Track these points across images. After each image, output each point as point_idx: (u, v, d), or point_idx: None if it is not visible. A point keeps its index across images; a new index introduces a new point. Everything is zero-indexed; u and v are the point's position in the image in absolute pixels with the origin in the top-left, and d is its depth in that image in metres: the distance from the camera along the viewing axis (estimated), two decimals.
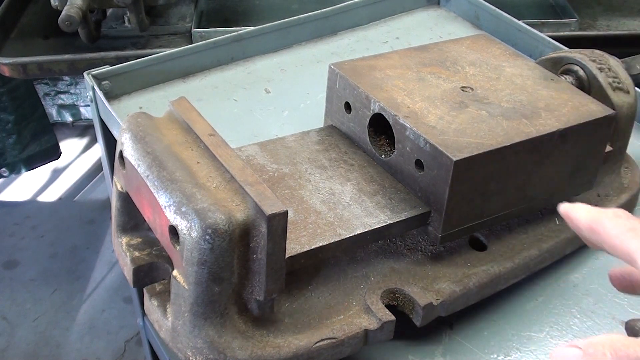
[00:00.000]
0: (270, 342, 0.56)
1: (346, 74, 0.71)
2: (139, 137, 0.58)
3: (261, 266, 0.53)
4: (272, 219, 0.50)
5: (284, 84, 1.00)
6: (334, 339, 0.58)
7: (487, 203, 0.65)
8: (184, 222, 0.51)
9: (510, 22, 1.08)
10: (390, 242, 0.68)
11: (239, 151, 0.69)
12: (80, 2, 1.30)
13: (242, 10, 1.59)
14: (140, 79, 0.96)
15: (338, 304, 0.61)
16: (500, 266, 0.67)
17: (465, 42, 0.80)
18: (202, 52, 1.01)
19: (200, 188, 0.53)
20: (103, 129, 0.94)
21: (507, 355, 0.66)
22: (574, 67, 0.76)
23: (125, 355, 1.85)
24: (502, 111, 0.67)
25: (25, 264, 2.12)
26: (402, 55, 0.76)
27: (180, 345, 0.55)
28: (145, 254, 0.59)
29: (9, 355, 1.84)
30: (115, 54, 1.37)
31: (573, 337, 0.67)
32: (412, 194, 0.65)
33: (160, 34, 1.50)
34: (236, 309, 0.55)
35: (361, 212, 0.63)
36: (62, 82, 2.36)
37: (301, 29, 1.09)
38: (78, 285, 2.05)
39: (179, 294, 0.54)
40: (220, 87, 0.99)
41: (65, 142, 2.57)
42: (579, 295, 0.72)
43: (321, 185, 0.66)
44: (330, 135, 0.73)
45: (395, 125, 0.65)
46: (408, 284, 0.63)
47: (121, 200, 0.62)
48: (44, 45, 1.46)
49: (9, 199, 2.38)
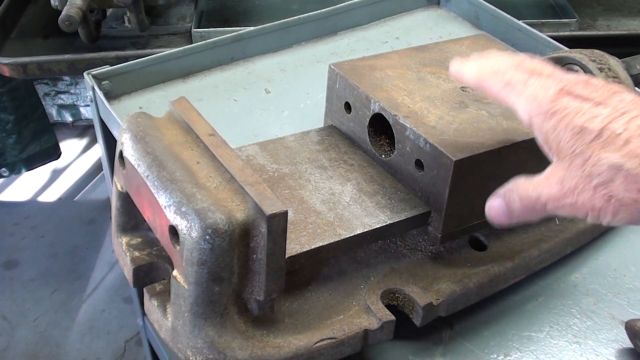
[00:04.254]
0: (270, 342, 0.56)
1: (346, 74, 0.71)
2: (139, 137, 0.58)
3: (261, 266, 0.53)
4: (272, 219, 0.50)
5: (284, 84, 1.00)
6: (334, 339, 0.58)
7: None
8: (184, 222, 0.51)
9: (510, 22, 1.08)
10: (390, 242, 0.68)
11: (239, 151, 0.69)
12: (80, 2, 1.30)
13: (242, 10, 1.59)
14: (140, 79, 0.96)
15: (338, 304, 0.61)
16: (500, 266, 0.67)
17: (465, 42, 0.81)
18: (202, 52, 1.01)
19: (200, 188, 0.53)
20: (103, 129, 0.94)
21: (507, 355, 0.66)
22: (574, 67, 0.76)
23: (125, 355, 1.85)
24: (502, 111, 0.67)
25: (25, 264, 2.12)
26: (402, 55, 0.76)
27: (180, 345, 0.55)
28: (145, 254, 0.59)
29: (9, 355, 1.84)
30: (115, 54, 1.37)
31: (573, 337, 0.67)
32: (412, 194, 0.65)
33: (160, 34, 1.50)
34: (236, 309, 0.55)
35: (361, 212, 0.63)
36: (62, 82, 2.36)
37: (301, 29, 1.09)
38: (78, 285, 2.05)
39: (179, 294, 0.54)
40: (220, 87, 0.99)
41: (65, 142, 2.57)
42: (579, 295, 0.72)
43: (321, 185, 0.66)
44: (330, 135, 0.73)
45: (395, 125, 0.65)
46: (408, 284, 0.63)
47: (121, 200, 0.62)
48: (44, 45, 1.46)
49: (9, 199, 2.38)
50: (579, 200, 0.46)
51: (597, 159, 0.45)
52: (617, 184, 0.44)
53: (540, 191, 0.49)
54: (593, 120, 0.46)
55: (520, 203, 0.51)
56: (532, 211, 0.50)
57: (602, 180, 0.45)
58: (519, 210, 0.51)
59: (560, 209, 0.48)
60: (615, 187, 0.45)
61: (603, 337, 0.67)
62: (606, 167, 0.45)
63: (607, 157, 0.45)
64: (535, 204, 0.49)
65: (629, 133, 0.45)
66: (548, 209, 0.49)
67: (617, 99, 0.47)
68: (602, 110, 0.46)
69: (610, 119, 0.46)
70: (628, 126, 0.45)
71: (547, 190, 0.48)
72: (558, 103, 0.48)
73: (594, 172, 0.45)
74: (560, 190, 0.47)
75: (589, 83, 0.49)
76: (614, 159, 0.44)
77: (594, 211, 0.46)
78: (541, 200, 0.49)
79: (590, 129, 0.46)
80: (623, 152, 0.44)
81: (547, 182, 0.48)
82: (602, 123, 0.45)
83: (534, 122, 0.49)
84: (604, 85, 0.49)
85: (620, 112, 0.46)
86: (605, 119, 0.46)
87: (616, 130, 0.45)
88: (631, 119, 0.45)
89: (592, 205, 0.46)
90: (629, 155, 0.44)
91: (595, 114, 0.46)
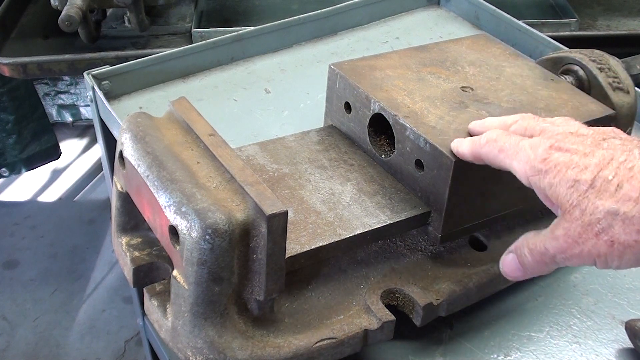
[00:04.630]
0: (270, 342, 0.56)
1: (346, 74, 0.71)
2: (139, 137, 0.58)
3: (261, 266, 0.53)
4: (272, 219, 0.50)
5: (284, 84, 1.00)
6: (334, 339, 0.58)
7: (487, 203, 0.65)
8: (184, 222, 0.51)
9: (510, 22, 1.08)
10: (390, 242, 0.68)
11: (239, 151, 0.69)
12: (80, 2, 1.30)
13: (242, 10, 1.59)
14: (140, 79, 0.96)
15: (338, 304, 0.61)
16: None
17: (465, 42, 0.80)
18: (202, 52, 1.01)
19: (200, 188, 0.53)
20: (103, 129, 0.94)
21: (507, 355, 0.66)
22: (574, 67, 0.76)
23: (125, 355, 1.85)
24: (502, 111, 0.67)
25: (25, 264, 2.12)
26: (402, 55, 0.76)
27: (180, 345, 0.55)
28: (145, 254, 0.59)
29: (9, 355, 1.84)
30: (115, 54, 1.37)
31: (573, 337, 0.67)
32: (412, 194, 0.65)
33: (160, 34, 1.50)
34: (236, 309, 0.55)
35: (361, 212, 0.63)
36: (62, 82, 2.36)
37: (301, 29, 1.09)
38: (78, 285, 2.05)
39: (179, 294, 0.54)
40: (220, 87, 0.99)
41: (65, 142, 2.57)
42: (579, 295, 0.72)
43: (321, 185, 0.66)
44: (330, 135, 0.73)
45: (395, 125, 0.65)
46: (408, 284, 0.63)
47: (121, 200, 0.62)
48: (44, 45, 1.46)
49: (9, 199, 2.38)
50: (585, 249, 0.48)
51: (594, 207, 0.47)
52: (617, 228, 0.46)
53: (548, 245, 0.51)
54: (584, 172, 0.48)
55: (531, 258, 0.53)
56: (543, 264, 0.52)
57: (602, 227, 0.47)
58: (531, 264, 0.53)
59: (569, 259, 0.50)
60: (616, 231, 0.46)
61: (603, 337, 0.67)
62: (603, 214, 0.47)
63: (602, 204, 0.47)
64: (544, 257, 0.52)
65: (620, 178, 0.47)
66: (558, 261, 0.51)
67: (605, 145, 0.49)
68: (591, 160, 0.48)
69: (600, 167, 0.48)
70: (617, 171, 0.47)
71: (553, 243, 0.50)
72: (549, 161, 0.50)
73: (593, 220, 0.47)
74: (565, 242, 0.49)
75: (578, 134, 0.51)
76: (609, 205, 0.46)
77: (600, 257, 0.48)
78: (550, 253, 0.51)
79: (583, 180, 0.48)
80: (617, 197, 0.46)
81: (552, 236, 0.50)
82: (593, 173, 0.48)
83: (532, 182, 0.51)
84: (593, 132, 0.51)
85: (609, 159, 0.48)
86: (595, 168, 0.48)
87: (607, 177, 0.47)
88: (620, 163, 0.47)
89: (598, 252, 0.48)
90: (623, 200, 0.46)
91: (586, 165, 0.48)
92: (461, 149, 0.58)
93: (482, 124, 0.61)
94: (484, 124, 0.60)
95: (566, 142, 0.50)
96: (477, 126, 0.61)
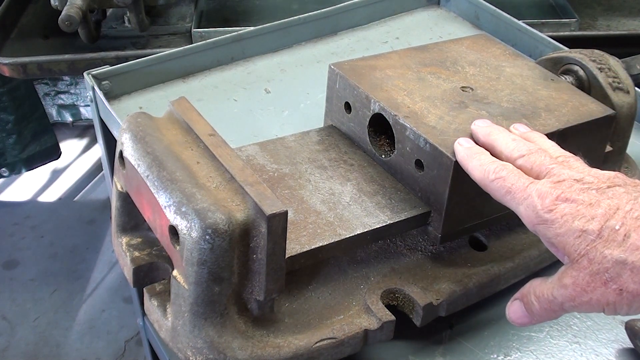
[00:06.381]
0: (270, 342, 0.56)
1: (346, 74, 0.71)
2: (139, 137, 0.58)
3: (261, 266, 0.53)
4: (272, 219, 0.50)
5: (284, 84, 1.00)
6: (334, 339, 0.58)
7: (487, 203, 0.65)
8: (184, 222, 0.51)
9: (510, 22, 1.08)
10: (390, 242, 0.68)
11: (239, 151, 0.69)
12: (80, 2, 1.30)
13: (242, 10, 1.59)
14: (140, 79, 0.96)
15: (338, 304, 0.61)
16: (500, 266, 0.67)
17: (465, 42, 0.80)
18: (202, 52, 1.01)
19: (200, 188, 0.53)
20: (103, 129, 0.94)
21: (507, 355, 0.66)
22: (574, 67, 0.76)
23: (125, 355, 1.85)
24: (502, 111, 0.67)
25: (25, 264, 2.12)
26: (402, 55, 0.76)
27: (180, 345, 0.55)
28: (145, 254, 0.59)
29: (9, 355, 1.84)
30: (115, 54, 1.37)
31: (573, 337, 0.67)
32: (412, 194, 0.65)
33: (160, 34, 1.50)
34: (236, 309, 0.55)
35: (361, 212, 0.63)
36: (62, 82, 2.36)
37: (301, 29, 1.09)
38: (78, 285, 2.05)
39: (179, 294, 0.54)
40: (220, 87, 0.99)
41: (65, 142, 2.57)
42: None
43: (321, 185, 0.66)
44: (330, 135, 0.73)
45: (395, 125, 0.65)
46: (408, 284, 0.63)
47: (121, 200, 0.62)
48: (44, 45, 1.46)
49: (9, 199, 2.38)
50: (593, 297, 0.49)
51: (602, 257, 0.47)
52: (625, 277, 0.47)
53: (556, 293, 0.51)
54: (591, 222, 0.48)
55: (539, 305, 0.53)
56: (551, 312, 0.53)
57: (610, 276, 0.47)
58: (539, 312, 0.53)
59: (577, 307, 0.50)
60: (624, 280, 0.47)
61: (603, 337, 0.67)
62: (612, 264, 0.47)
63: (610, 253, 0.47)
64: (552, 305, 0.52)
65: (627, 228, 0.47)
66: (566, 308, 0.51)
67: (610, 194, 0.49)
68: (597, 210, 0.49)
69: (607, 217, 0.48)
70: (624, 221, 0.48)
71: (562, 291, 0.50)
72: (556, 211, 0.50)
73: (602, 269, 0.48)
74: (574, 290, 0.49)
75: (583, 181, 0.51)
76: (617, 255, 0.47)
77: (609, 305, 0.48)
78: (558, 301, 0.51)
79: (590, 230, 0.48)
80: (624, 247, 0.47)
81: (560, 284, 0.50)
82: (600, 223, 0.48)
83: (537, 229, 0.51)
84: (598, 180, 0.51)
85: (615, 209, 0.48)
86: (602, 218, 0.48)
87: (614, 227, 0.48)
88: (626, 213, 0.48)
89: (607, 301, 0.48)
90: (631, 249, 0.47)
91: (592, 215, 0.48)
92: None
93: (488, 136, 0.59)
94: (490, 137, 0.59)
95: (572, 193, 0.50)
96: (481, 136, 0.60)
